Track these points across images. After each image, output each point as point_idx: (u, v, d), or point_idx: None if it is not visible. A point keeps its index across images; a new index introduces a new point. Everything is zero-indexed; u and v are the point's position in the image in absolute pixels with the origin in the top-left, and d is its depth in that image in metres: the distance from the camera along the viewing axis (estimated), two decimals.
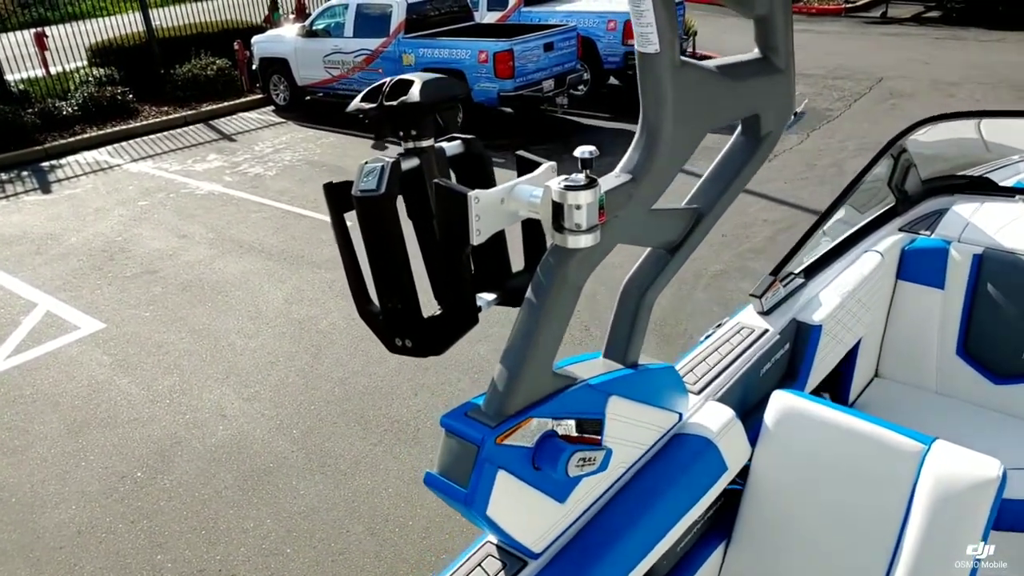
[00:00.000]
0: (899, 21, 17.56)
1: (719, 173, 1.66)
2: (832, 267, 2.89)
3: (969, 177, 3.45)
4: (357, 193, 1.34)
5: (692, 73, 1.39)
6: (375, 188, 1.31)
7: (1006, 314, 2.93)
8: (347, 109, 1.53)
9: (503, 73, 9.93)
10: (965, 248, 3.01)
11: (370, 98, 1.48)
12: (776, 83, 1.51)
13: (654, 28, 1.27)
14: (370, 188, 1.32)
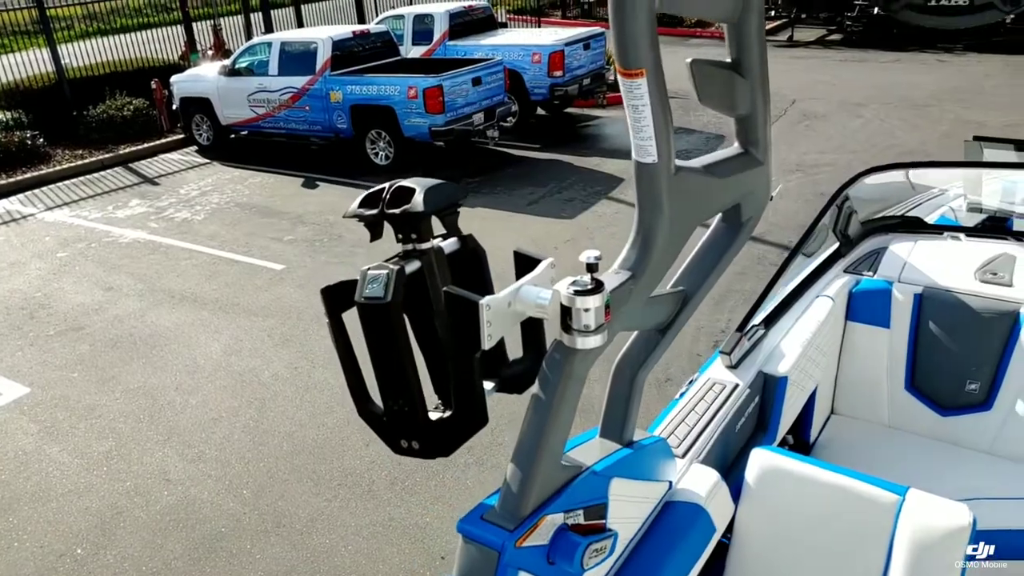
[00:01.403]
0: (805, 44, 18.40)
1: (703, 257, 1.72)
2: (789, 313, 3.03)
3: (902, 217, 3.70)
4: (362, 300, 1.34)
5: (685, 177, 1.44)
6: (382, 296, 1.32)
7: (947, 349, 3.11)
8: (345, 214, 1.53)
9: (433, 108, 9.94)
10: (906, 288, 3.19)
11: (369, 204, 1.48)
12: (757, 175, 1.59)
13: (653, 141, 1.32)
14: (376, 296, 1.32)
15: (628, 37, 1.20)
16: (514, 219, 8.75)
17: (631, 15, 1.18)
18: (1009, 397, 3.01)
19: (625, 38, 1.21)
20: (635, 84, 1.25)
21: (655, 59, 1.24)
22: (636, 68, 1.23)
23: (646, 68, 1.23)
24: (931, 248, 3.41)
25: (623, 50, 1.23)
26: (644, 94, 1.26)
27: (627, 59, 1.22)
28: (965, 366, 3.07)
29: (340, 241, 8.43)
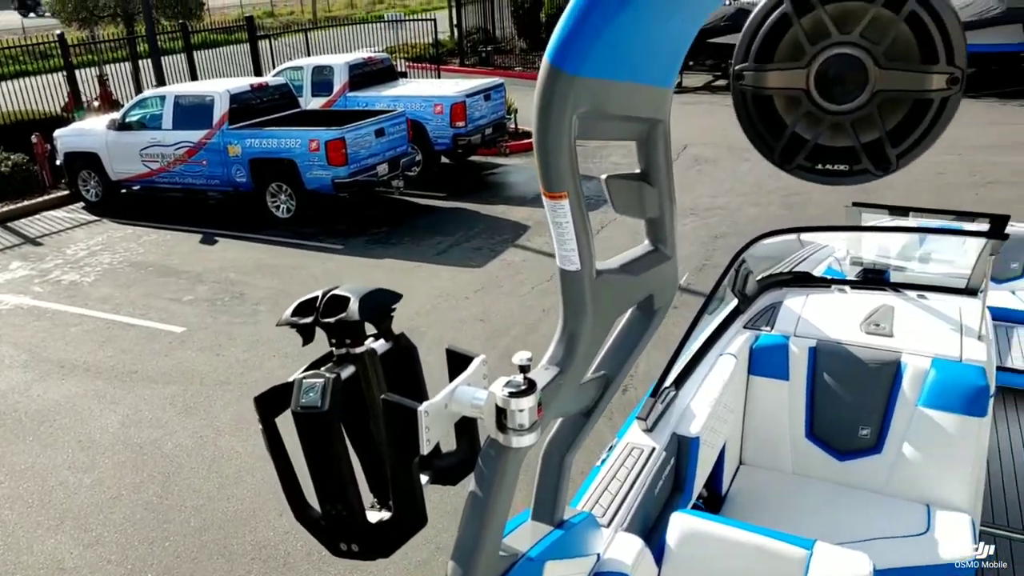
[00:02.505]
0: (693, 90, 19.30)
1: (622, 344, 1.82)
2: (697, 372, 3.20)
3: (792, 273, 3.99)
4: (298, 409, 1.33)
5: (605, 279, 1.53)
6: (319, 405, 1.32)
7: (841, 398, 3.34)
8: (278, 323, 1.52)
9: (336, 161, 9.87)
10: (801, 342, 3.42)
11: (302, 312, 1.48)
12: (666, 268, 1.70)
13: (576, 253, 1.40)
14: (313, 404, 1.33)
15: (552, 165, 1.28)
16: (422, 269, 8.74)
17: (555, 146, 1.25)
18: (896, 440, 3.24)
19: (549, 166, 1.28)
20: (558, 205, 1.33)
21: (575, 182, 1.32)
22: (559, 191, 1.31)
23: (568, 191, 1.31)
24: (821, 301, 3.67)
25: (547, 176, 1.30)
26: (567, 213, 1.34)
27: (551, 184, 1.30)
28: (857, 413, 3.29)
29: (242, 300, 8.19)
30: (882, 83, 0.95)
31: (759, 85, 1.01)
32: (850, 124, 0.99)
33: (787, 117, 1.03)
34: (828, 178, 1.03)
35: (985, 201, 9.88)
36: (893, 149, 0.98)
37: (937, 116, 0.95)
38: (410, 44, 21.00)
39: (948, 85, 0.92)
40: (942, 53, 0.90)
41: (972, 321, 3.39)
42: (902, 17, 0.90)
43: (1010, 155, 11.75)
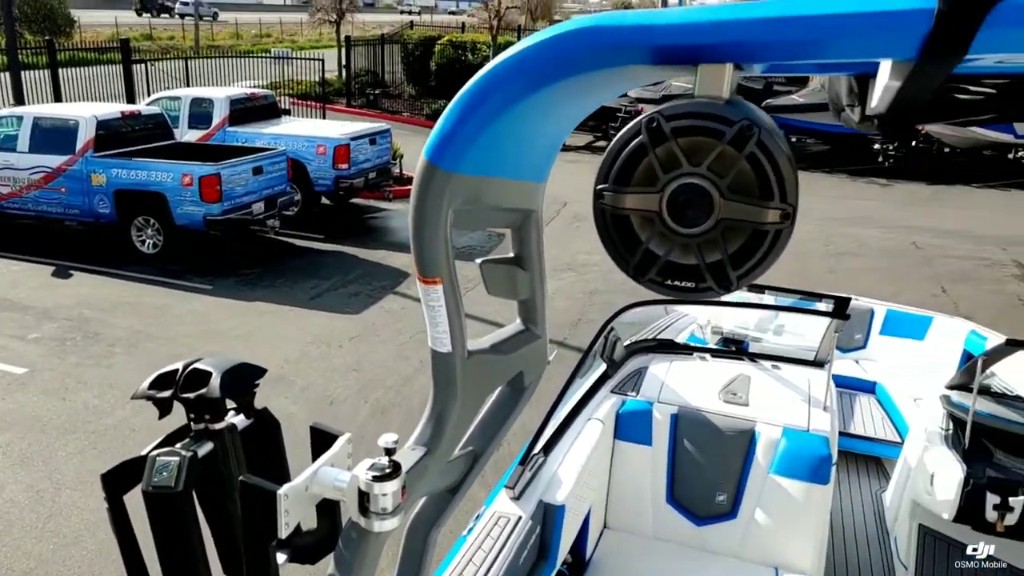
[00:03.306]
0: (575, 149, 19.95)
1: (490, 420, 1.83)
2: (566, 436, 3.25)
3: (658, 340, 4.17)
4: (150, 489, 1.25)
5: (476, 360, 1.54)
6: (172, 485, 1.25)
7: (700, 464, 3.47)
8: (132, 396, 1.45)
9: (210, 197, 9.51)
10: (665, 408, 3.54)
11: (160, 385, 1.41)
12: (536, 346, 1.74)
13: (448, 336, 1.40)
14: (166, 485, 1.26)
15: (427, 252, 1.30)
16: (295, 314, 8.49)
17: (430, 237, 1.28)
18: (750, 506, 3.39)
19: (424, 254, 1.30)
20: (432, 289, 1.35)
21: (450, 268, 1.34)
22: (434, 277, 1.33)
23: (442, 276, 1.33)
24: (684, 368, 3.85)
25: (422, 262, 1.32)
26: (440, 297, 1.36)
27: (425, 270, 1.32)
28: (715, 479, 3.43)
29: (96, 340, 7.67)
30: (725, 212, 1.01)
31: (617, 205, 1.06)
32: (697, 246, 1.05)
33: (642, 235, 1.09)
34: (677, 293, 1.09)
35: (836, 271, 10.68)
36: (734, 271, 1.04)
37: (772, 245, 1.02)
38: (296, 81, 20.69)
39: (781, 219, 0.99)
40: (776, 191, 0.97)
41: (819, 392, 3.63)
42: (743, 156, 0.97)
43: (857, 227, 12.77)
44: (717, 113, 0.98)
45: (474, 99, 1.12)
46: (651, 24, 0.97)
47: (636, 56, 1.00)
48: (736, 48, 0.97)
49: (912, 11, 0.83)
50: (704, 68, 1.01)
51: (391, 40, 25.49)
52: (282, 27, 49.76)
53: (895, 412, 4.69)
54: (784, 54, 0.94)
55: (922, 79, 0.91)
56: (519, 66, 1.07)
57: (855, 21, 0.87)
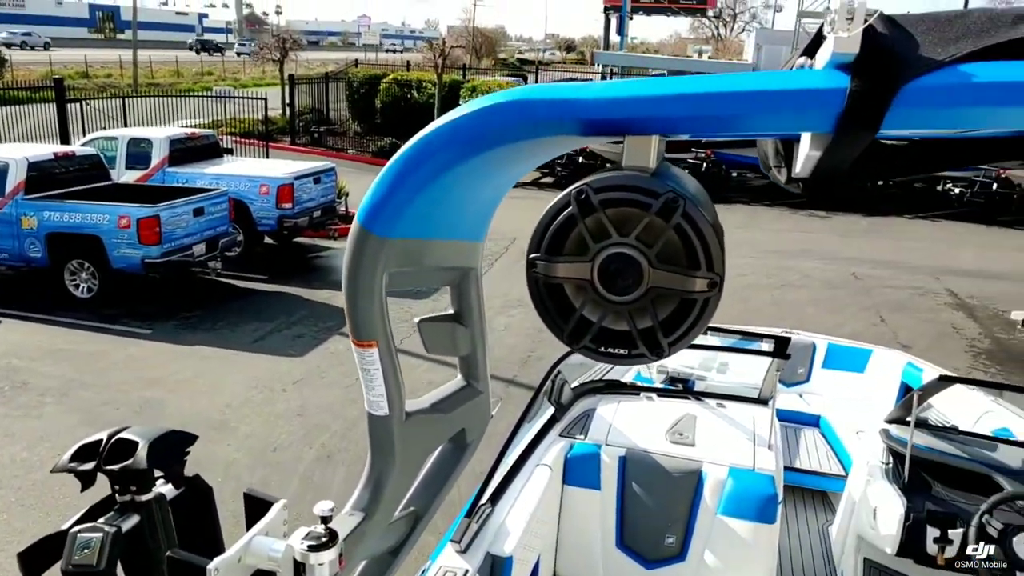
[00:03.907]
0: (523, 186, 20.11)
1: (433, 479, 1.79)
2: (514, 485, 3.20)
3: (604, 381, 4.16)
4: (70, 568, 1.21)
5: (415, 421, 1.51)
6: (94, 564, 1.22)
7: (648, 507, 3.44)
8: (52, 470, 1.38)
9: (148, 239, 9.25)
10: (612, 451, 3.52)
11: (82, 456, 1.36)
12: (478, 403, 1.72)
13: (385, 399, 1.38)
14: (87, 563, 1.21)
15: (361, 317, 1.29)
16: (237, 358, 8.27)
17: (365, 301, 1.27)
18: (698, 548, 3.37)
19: (358, 318, 1.29)
20: (367, 353, 1.34)
21: (385, 331, 1.34)
22: (369, 340, 1.32)
23: (377, 340, 1.32)
24: (631, 408, 3.85)
25: (356, 325, 1.32)
26: (376, 361, 1.34)
27: (360, 334, 1.32)
28: (663, 522, 3.41)
29: (25, 389, 7.33)
30: (655, 281, 1.03)
31: (549, 274, 1.08)
32: (628, 313, 1.06)
33: (576, 301, 1.10)
34: (611, 359, 1.11)
35: (781, 303, 10.88)
36: (665, 338, 1.07)
37: (700, 313, 1.04)
38: (239, 119, 20.48)
39: (708, 288, 1.02)
40: (703, 261, 1.00)
41: (763, 430, 3.66)
42: (670, 226, 0.99)
43: (799, 259, 13.09)
44: (643, 186, 1.00)
45: (406, 166, 1.13)
46: (578, 98, 1.00)
47: (564, 127, 1.03)
48: (660, 122, 0.99)
49: (827, 90, 0.88)
50: (631, 140, 1.04)
51: (336, 78, 25.49)
52: (224, 65, 49.43)
53: (839, 445, 4.75)
54: (707, 128, 0.98)
55: (839, 151, 0.96)
56: (451, 135, 1.08)
57: (773, 98, 0.92)
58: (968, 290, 11.78)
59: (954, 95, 0.85)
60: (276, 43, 25.75)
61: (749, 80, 0.94)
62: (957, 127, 0.91)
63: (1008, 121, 0.86)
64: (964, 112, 0.86)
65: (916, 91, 0.85)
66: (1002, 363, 9.15)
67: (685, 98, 0.96)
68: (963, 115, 0.86)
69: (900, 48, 0.89)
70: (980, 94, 0.84)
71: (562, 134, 1.04)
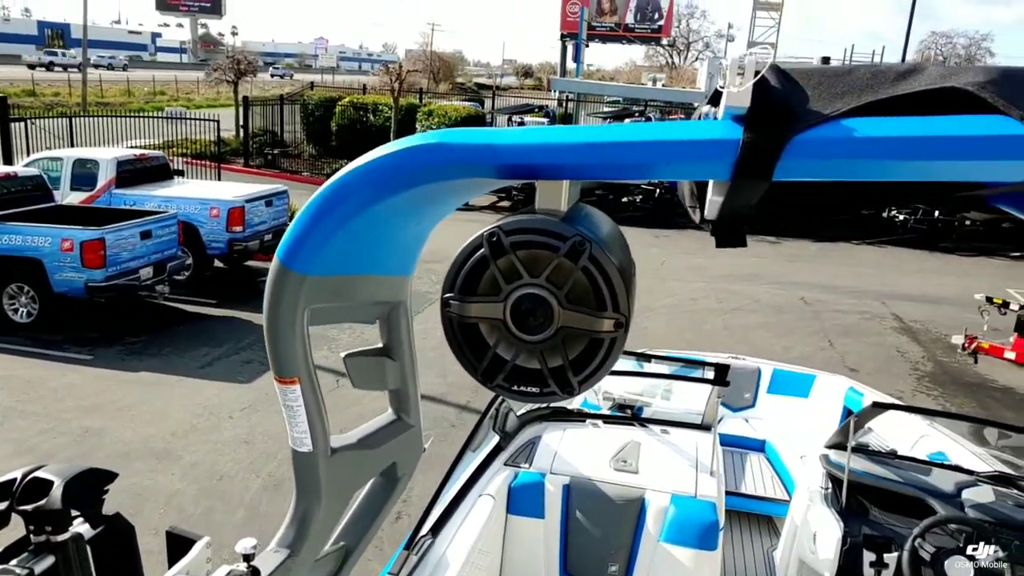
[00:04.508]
0: (478, 208, 20.16)
1: (363, 513, 1.76)
2: (456, 516, 3.17)
3: (550, 408, 4.15)
4: None
5: (341, 457, 1.50)
6: None
7: (592, 535, 3.44)
8: None
9: (92, 263, 9.03)
10: (556, 479, 3.52)
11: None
12: (409, 437, 1.71)
13: (308, 435, 1.37)
14: None
15: (282, 354, 1.29)
16: (183, 384, 8.07)
17: (286, 338, 1.27)
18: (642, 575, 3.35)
19: (280, 355, 1.29)
20: (290, 390, 1.34)
21: (308, 368, 1.33)
22: (291, 377, 1.32)
23: (299, 377, 1.32)
24: (577, 436, 3.86)
25: (278, 363, 1.32)
26: (298, 398, 1.34)
27: (282, 370, 1.32)
28: (606, 550, 3.41)
29: None
30: (565, 321, 1.05)
31: (463, 314, 1.10)
32: (540, 352, 1.09)
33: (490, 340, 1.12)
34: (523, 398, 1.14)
35: (731, 327, 11.03)
36: (575, 376, 1.09)
37: (608, 352, 1.08)
38: (191, 140, 20.20)
39: (615, 328, 1.05)
40: (609, 302, 1.03)
41: (706, 456, 3.69)
42: (578, 268, 1.03)
43: (748, 284, 13.31)
44: (552, 229, 1.04)
45: (325, 206, 1.14)
46: (491, 144, 1.03)
47: (478, 171, 1.05)
48: (568, 168, 1.03)
49: (722, 141, 0.93)
50: (542, 184, 1.09)
51: (291, 100, 25.34)
52: (177, 85, 48.81)
53: (783, 470, 4.81)
54: (613, 174, 1.02)
55: (738, 197, 1.00)
56: (368, 176, 1.10)
57: (674, 148, 0.96)
58: (912, 314, 12.10)
59: (836, 148, 0.89)
60: (230, 65, 25.52)
61: (653, 130, 0.98)
62: (841, 177, 0.94)
63: (883, 172, 0.91)
64: (845, 163, 0.91)
65: (803, 143, 0.90)
66: (944, 386, 9.38)
67: (592, 146, 1.00)
68: (845, 166, 0.91)
69: (790, 101, 0.94)
70: (857, 147, 0.89)
71: (477, 176, 1.06)
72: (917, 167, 0.89)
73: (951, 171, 0.89)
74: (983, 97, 0.87)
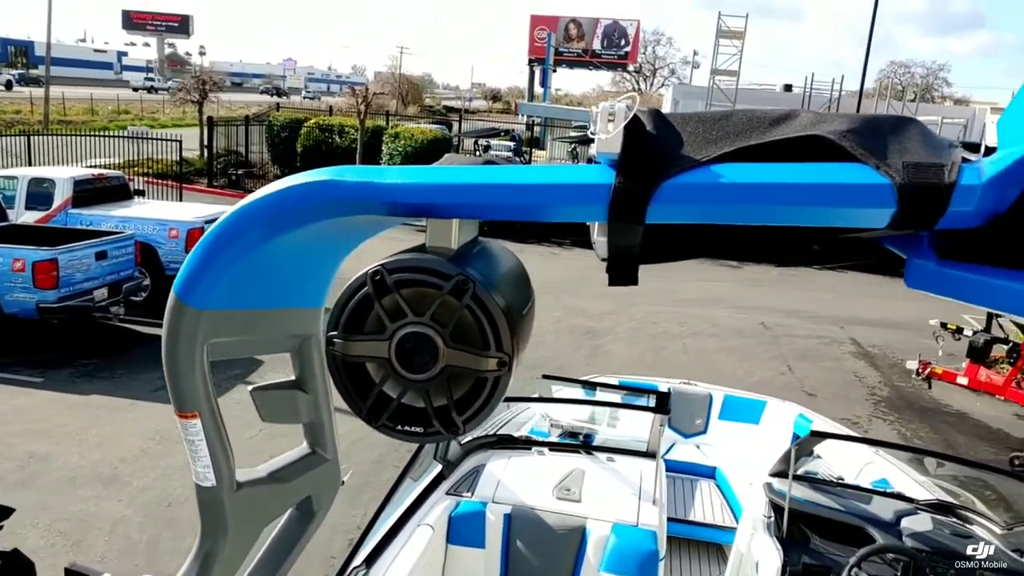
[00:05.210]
0: None
1: (276, 549, 1.71)
2: (392, 546, 3.11)
3: (496, 435, 4.14)
4: None
5: (248, 491, 1.45)
6: None
7: (532, 565, 3.42)
8: None
9: (44, 283, 8.83)
10: (498, 508, 3.49)
11: None
12: (325, 470, 1.67)
13: (211, 469, 1.34)
14: None
15: (182, 388, 1.27)
16: (136, 408, 7.90)
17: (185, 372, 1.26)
18: None
19: (179, 389, 1.27)
20: (191, 424, 1.32)
21: (210, 401, 1.31)
22: (191, 411, 1.30)
23: (200, 411, 1.30)
24: (522, 464, 3.83)
25: (178, 397, 1.29)
26: (199, 432, 1.32)
27: (182, 405, 1.30)
28: None
29: None
30: (449, 360, 1.05)
31: (347, 352, 1.09)
32: (425, 391, 1.08)
33: (376, 377, 1.11)
34: (407, 437, 1.13)
35: (691, 351, 11.11)
36: (459, 416, 1.08)
37: (492, 391, 1.07)
38: (154, 160, 19.95)
39: (498, 367, 1.04)
40: (492, 341, 1.03)
41: (649, 484, 3.68)
42: (462, 306, 1.02)
43: (710, 308, 13.43)
44: (435, 268, 1.04)
45: (217, 242, 1.13)
46: (379, 182, 1.03)
47: (368, 208, 1.05)
48: (454, 208, 1.04)
49: (596, 185, 0.95)
50: (433, 221, 1.08)
51: (257, 121, 25.19)
52: (142, 104, 48.30)
53: (732, 497, 4.81)
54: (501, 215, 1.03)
55: (618, 239, 1.02)
56: (257, 214, 1.10)
57: (553, 191, 0.98)
58: (870, 339, 12.30)
59: (702, 193, 0.92)
60: (195, 84, 25.34)
61: (536, 173, 1.00)
62: (711, 221, 0.96)
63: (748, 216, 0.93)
64: (712, 208, 0.93)
65: (672, 188, 0.92)
66: (900, 411, 9.53)
67: (476, 188, 1.01)
68: (712, 210, 0.93)
69: (662, 147, 0.96)
70: (722, 193, 0.91)
71: (368, 214, 1.06)
72: (779, 212, 0.92)
73: (811, 217, 0.92)
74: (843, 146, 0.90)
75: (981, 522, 3.46)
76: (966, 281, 0.85)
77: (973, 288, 0.84)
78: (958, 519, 3.46)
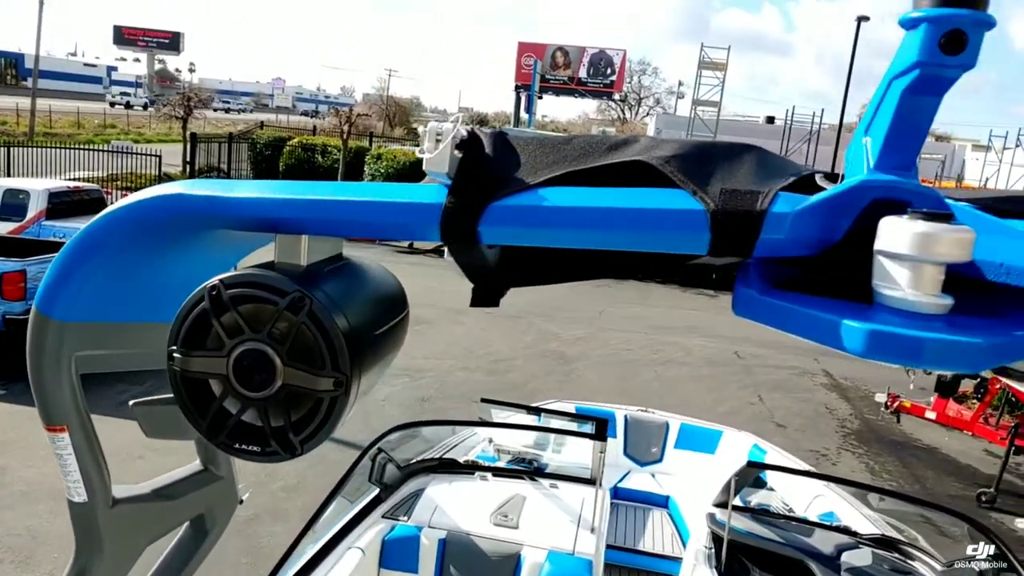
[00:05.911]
0: (423, 252, 20.12)
1: (167, 567, 1.68)
2: (318, 570, 3.05)
3: (439, 459, 4.10)
4: None
5: (125, 508, 1.43)
6: None
7: None
8: None
9: (11, 295, 8.75)
10: (433, 533, 3.44)
11: None
12: (218, 488, 1.64)
13: (81, 484, 1.31)
14: None
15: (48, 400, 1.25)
16: (97, 422, 7.75)
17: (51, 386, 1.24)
18: None
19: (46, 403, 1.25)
20: (59, 438, 1.30)
21: (80, 415, 1.30)
22: (59, 425, 1.28)
23: (68, 425, 1.28)
24: (464, 489, 3.79)
25: (45, 411, 1.26)
26: (68, 446, 1.30)
27: (49, 418, 1.28)
28: None
29: None
30: (287, 378, 1.03)
31: (186, 368, 1.06)
32: (264, 410, 1.05)
33: (218, 392, 1.10)
34: (245, 456, 1.10)
35: (662, 378, 11.13)
36: (296, 436, 1.05)
37: (329, 412, 1.04)
38: (137, 175, 19.88)
39: (334, 387, 1.01)
40: (327, 360, 1.01)
41: (589, 512, 3.65)
42: (298, 323, 1.00)
43: (685, 336, 13.47)
44: (271, 284, 1.02)
45: (74, 254, 1.12)
46: (225, 196, 1.03)
47: (219, 222, 1.04)
48: (297, 223, 1.03)
49: (428, 205, 0.97)
50: (282, 237, 1.07)
51: (241, 138, 25.21)
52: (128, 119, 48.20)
53: (683, 527, 4.78)
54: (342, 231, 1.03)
55: (460, 257, 1.03)
56: (111, 227, 1.09)
57: (390, 209, 0.99)
58: (843, 371, 12.34)
59: (528, 216, 0.92)
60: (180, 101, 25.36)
61: (373, 190, 1.00)
62: (540, 244, 0.97)
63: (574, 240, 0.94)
64: (539, 231, 0.93)
65: (499, 210, 0.93)
66: (869, 444, 9.55)
67: (316, 203, 1.01)
68: (540, 234, 0.94)
69: (499, 169, 0.97)
70: (546, 216, 0.92)
71: (220, 228, 1.06)
72: (600, 236, 0.92)
73: (632, 241, 0.92)
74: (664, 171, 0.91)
75: (922, 558, 3.45)
76: (786, 310, 0.84)
77: (794, 318, 0.82)
78: (900, 555, 3.45)
